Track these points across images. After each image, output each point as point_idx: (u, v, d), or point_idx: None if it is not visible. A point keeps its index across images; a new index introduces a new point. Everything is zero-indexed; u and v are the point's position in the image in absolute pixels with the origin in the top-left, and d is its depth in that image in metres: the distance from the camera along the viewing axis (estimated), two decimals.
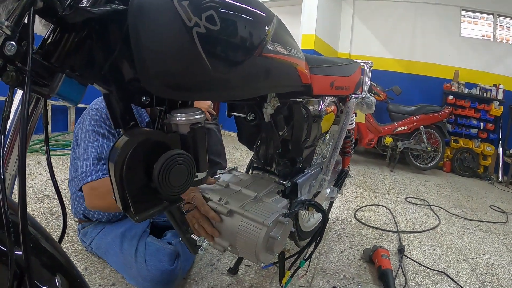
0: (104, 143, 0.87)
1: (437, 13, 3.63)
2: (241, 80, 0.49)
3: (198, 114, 0.46)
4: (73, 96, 0.40)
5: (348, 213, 1.83)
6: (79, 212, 1.05)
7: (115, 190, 0.43)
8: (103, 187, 0.80)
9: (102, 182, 0.81)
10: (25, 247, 0.32)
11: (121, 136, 0.44)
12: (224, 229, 0.70)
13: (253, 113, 0.71)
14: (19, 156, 0.34)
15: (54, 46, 0.40)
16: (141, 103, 0.47)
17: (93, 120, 0.90)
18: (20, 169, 0.34)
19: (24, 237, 0.32)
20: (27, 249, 0.32)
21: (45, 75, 0.40)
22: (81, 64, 0.41)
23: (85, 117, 0.93)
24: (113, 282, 0.98)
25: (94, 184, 0.81)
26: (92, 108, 0.93)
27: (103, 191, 0.80)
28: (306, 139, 0.87)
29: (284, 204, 0.76)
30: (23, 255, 0.32)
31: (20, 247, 0.32)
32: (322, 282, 1.12)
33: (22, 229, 0.32)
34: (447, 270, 1.29)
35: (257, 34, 0.49)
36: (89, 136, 0.87)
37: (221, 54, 0.44)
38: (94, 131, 0.88)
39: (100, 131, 0.89)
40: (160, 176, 0.40)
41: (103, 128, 0.89)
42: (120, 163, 0.41)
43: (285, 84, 0.65)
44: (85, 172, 0.83)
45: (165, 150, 0.42)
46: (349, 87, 1.08)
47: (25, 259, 0.31)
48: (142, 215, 0.44)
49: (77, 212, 1.05)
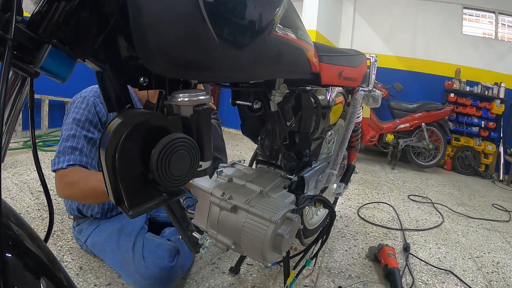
0: (82, 133, 0.85)
1: (439, 11, 3.60)
2: (251, 60, 0.44)
3: (203, 95, 0.41)
4: (60, 71, 0.35)
5: (351, 211, 1.79)
6: (72, 208, 1.00)
7: (106, 181, 0.38)
8: (71, 177, 0.80)
9: (71, 171, 0.81)
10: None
11: (114, 118, 0.38)
12: (227, 226, 0.65)
13: (259, 101, 0.66)
14: None
15: (42, 16, 0.35)
16: (139, 85, 0.42)
17: (78, 107, 0.88)
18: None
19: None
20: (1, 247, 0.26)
21: (30, 47, 0.35)
22: (71, 37, 0.36)
23: (72, 102, 0.91)
24: (108, 282, 0.93)
25: (63, 172, 0.81)
26: (81, 96, 0.91)
27: (71, 180, 0.80)
28: (315, 130, 0.83)
29: (292, 199, 0.71)
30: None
31: None
32: (327, 281, 1.08)
33: None
34: (453, 268, 1.27)
35: (269, 8, 0.44)
36: (69, 123, 0.86)
37: (230, 28, 0.39)
38: (75, 120, 0.86)
39: (81, 119, 0.86)
40: (159, 163, 0.35)
41: (85, 117, 0.87)
42: (112, 149, 0.36)
43: (294, 70, 0.61)
44: (58, 158, 0.83)
45: (164, 134, 0.37)
46: (357, 78, 1.04)
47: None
48: (137, 209, 0.39)
49: (71, 209, 1.00)
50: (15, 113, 0.42)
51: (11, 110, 0.40)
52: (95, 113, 0.88)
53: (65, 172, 0.81)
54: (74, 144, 0.83)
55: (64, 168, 0.81)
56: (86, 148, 0.85)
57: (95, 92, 0.91)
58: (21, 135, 2.42)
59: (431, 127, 3.09)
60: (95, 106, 0.88)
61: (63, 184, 0.81)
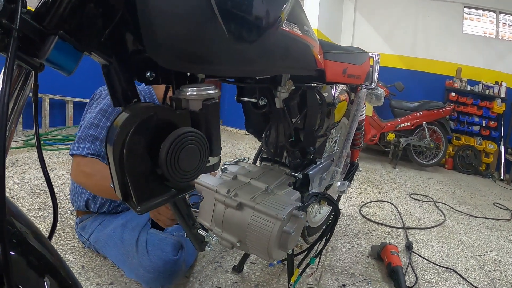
0: (106, 123, 0.87)
1: (440, 10, 3.60)
2: (259, 54, 0.43)
3: (212, 89, 0.40)
4: (66, 63, 0.35)
5: (353, 209, 1.79)
6: (80, 201, 0.98)
7: (113, 176, 0.37)
8: (89, 167, 0.81)
9: (90, 162, 0.82)
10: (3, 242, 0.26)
11: (120, 113, 0.38)
12: (233, 223, 0.65)
13: (265, 97, 0.65)
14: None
15: (48, 7, 0.34)
16: (145, 79, 0.41)
17: (104, 98, 0.89)
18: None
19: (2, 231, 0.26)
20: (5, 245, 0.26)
21: (35, 39, 0.34)
22: (77, 29, 0.35)
23: (99, 94, 0.92)
24: (111, 281, 0.92)
25: (81, 161, 0.82)
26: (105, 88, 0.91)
27: (89, 171, 0.81)
28: (320, 127, 0.82)
29: (297, 197, 0.71)
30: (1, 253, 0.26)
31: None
32: (330, 279, 1.07)
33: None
34: (455, 267, 1.26)
35: (278, 2, 0.43)
36: (95, 112, 0.87)
37: (240, 22, 0.38)
38: (101, 110, 0.88)
39: (108, 109, 0.88)
40: (168, 158, 0.35)
41: (111, 109, 0.88)
42: (120, 144, 0.35)
43: (301, 66, 0.60)
44: (78, 143, 0.84)
45: (173, 129, 0.36)
46: (360, 76, 1.04)
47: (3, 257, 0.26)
48: (145, 205, 0.38)
49: (78, 201, 0.99)
50: (17, 109, 0.41)
51: (14, 105, 0.40)
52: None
53: (84, 161, 0.82)
54: (97, 133, 0.85)
55: (83, 156, 0.82)
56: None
57: None
58: (22, 134, 2.41)
59: (432, 126, 3.09)
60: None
61: (79, 171, 0.83)
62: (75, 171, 0.84)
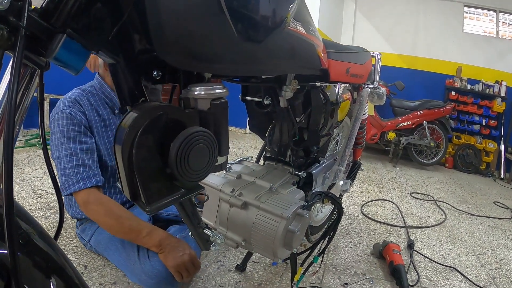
0: (76, 148, 0.86)
1: (440, 9, 3.59)
2: (267, 54, 0.43)
3: (220, 88, 0.40)
4: (74, 62, 0.34)
5: (355, 208, 1.79)
6: (75, 214, 0.99)
7: (121, 176, 0.37)
8: (99, 204, 0.82)
9: (94, 196, 0.83)
10: (11, 244, 0.26)
11: (128, 113, 0.37)
12: (237, 222, 0.65)
13: (269, 97, 0.65)
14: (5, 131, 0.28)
15: (55, 5, 0.34)
16: (152, 78, 0.41)
17: (61, 124, 0.87)
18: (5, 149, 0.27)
19: (10, 232, 0.26)
20: (13, 247, 0.26)
21: (42, 37, 0.34)
22: (85, 28, 0.35)
23: (52, 122, 0.90)
24: (114, 281, 0.92)
25: (85, 198, 0.83)
26: (56, 112, 0.90)
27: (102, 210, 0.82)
28: (324, 126, 0.82)
29: (301, 195, 0.71)
30: (9, 254, 0.26)
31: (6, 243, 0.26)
32: (333, 278, 1.08)
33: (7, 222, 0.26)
34: (457, 265, 1.27)
35: (285, 2, 0.43)
36: (60, 144, 0.86)
37: (249, 21, 0.38)
38: (64, 137, 0.86)
39: (70, 135, 0.87)
40: (178, 157, 0.34)
41: (72, 132, 0.87)
42: (129, 144, 0.35)
43: (307, 66, 0.60)
44: (66, 183, 0.83)
45: (182, 128, 0.36)
46: (363, 75, 1.04)
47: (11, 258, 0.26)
48: (155, 205, 0.38)
49: (75, 213, 0.99)
50: (23, 109, 0.41)
51: (20, 105, 0.39)
52: (77, 123, 0.88)
53: (88, 199, 0.83)
54: (75, 162, 0.84)
55: (77, 191, 0.83)
56: (88, 160, 0.86)
57: (68, 102, 0.90)
58: (22, 134, 2.40)
59: (433, 125, 3.09)
60: (73, 116, 0.88)
61: (90, 210, 0.84)
62: (84, 210, 0.85)
